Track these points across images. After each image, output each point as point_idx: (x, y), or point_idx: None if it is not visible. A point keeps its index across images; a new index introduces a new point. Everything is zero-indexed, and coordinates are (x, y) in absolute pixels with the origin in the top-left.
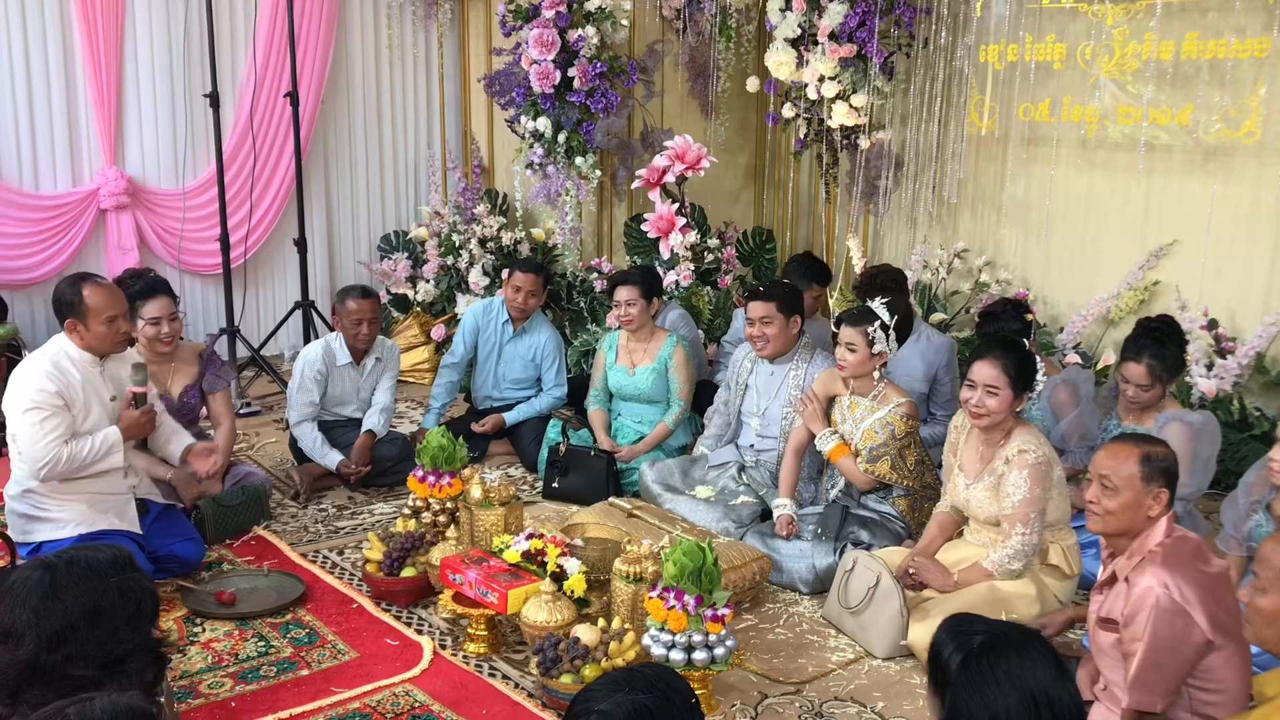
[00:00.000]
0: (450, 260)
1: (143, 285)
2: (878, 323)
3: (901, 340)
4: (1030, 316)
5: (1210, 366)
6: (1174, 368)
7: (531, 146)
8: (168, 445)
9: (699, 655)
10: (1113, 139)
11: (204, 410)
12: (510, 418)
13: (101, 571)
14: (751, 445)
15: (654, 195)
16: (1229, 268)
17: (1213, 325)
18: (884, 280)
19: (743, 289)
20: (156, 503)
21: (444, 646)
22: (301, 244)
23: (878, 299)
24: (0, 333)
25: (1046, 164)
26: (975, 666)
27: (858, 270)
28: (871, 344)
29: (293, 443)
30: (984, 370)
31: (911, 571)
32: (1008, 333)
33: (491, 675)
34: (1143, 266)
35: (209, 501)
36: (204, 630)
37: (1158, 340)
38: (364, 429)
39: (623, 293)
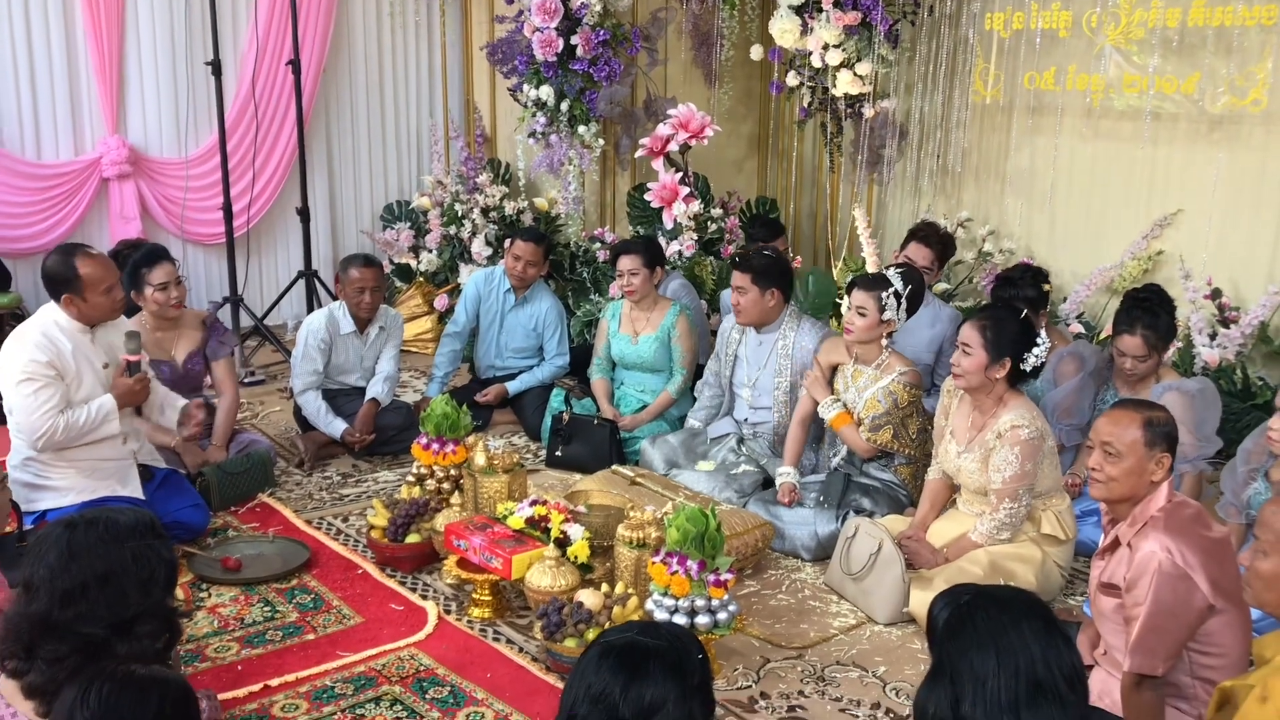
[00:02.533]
0: (453, 230)
1: (144, 253)
2: (891, 289)
3: (911, 312)
4: (1047, 287)
5: (1213, 336)
6: (1167, 335)
7: (534, 115)
8: (161, 415)
9: (701, 620)
10: (1118, 108)
11: (208, 378)
12: (512, 387)
13: (119, 536)
14: (746, 419)
15: (657, 164)
16: (1233, 237)
17: (1216, 295)
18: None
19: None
20: (159, 468)
21: (449, 611)
22: (304, 213)
23: (891, 268)
24: (4, 301)
25: (1051, 133)
26: (958, 622)
27: (863, 239)
28: (882, 310)
29: (297, 411)
30: (964, 330)
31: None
32: (1021, 300)
33: (496, 639)
34: (1147, 236)
35: (214, 468)
36: (210, 595)
37: (1149, 310)
38: (368, 397)
39: (625, 262)
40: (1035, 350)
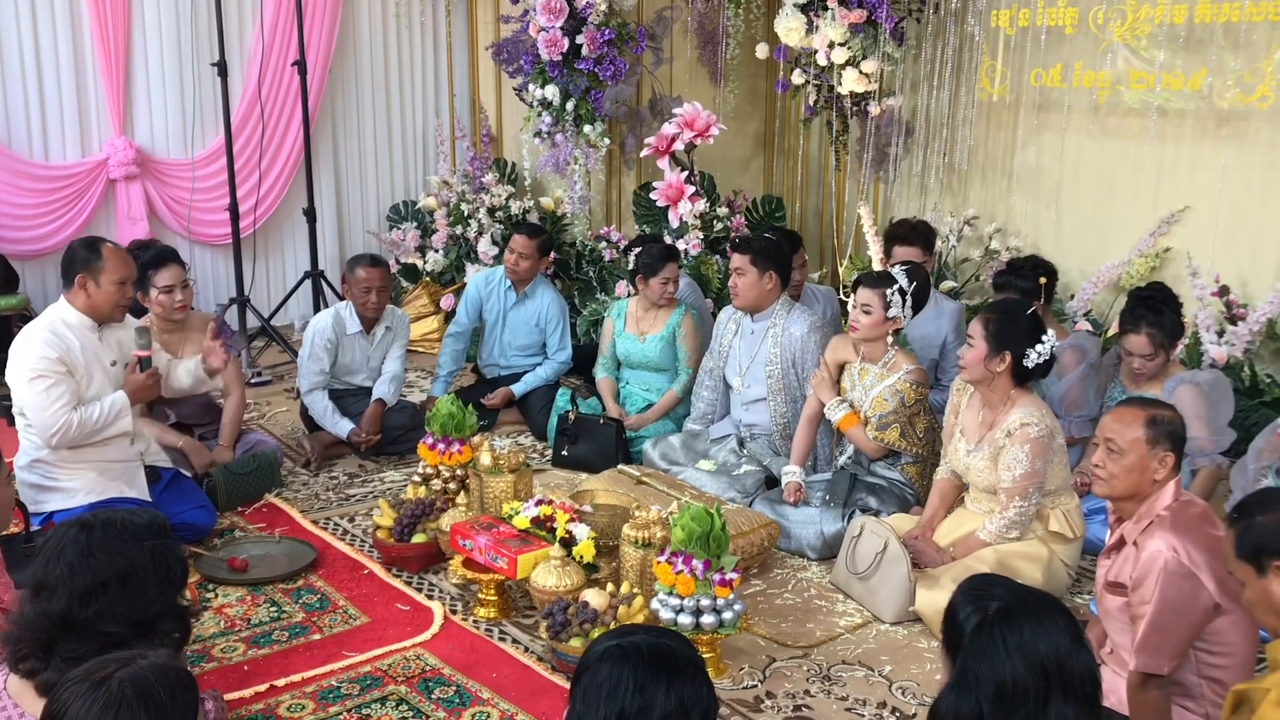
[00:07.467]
0: (459, 230)
1: (153, 254)
2: (896, 287)
3: (918, 309)
4: (1043, 280)
5: (1221, 333)
6: (1174, 333)
7: (540, 115)
8: (178, 383)
9: (707, 619)
10: (1125, 104)
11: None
12: (517, 389)
13: (137, 535)
14: (740, 420)
15: (663, 163)
16: (1241, 234)
17: (1224, 292)
18: (905, 232)
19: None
20: (166, 469)
21: (454, 611)
22: (310, 214)
23: (897, 266)
24: (12, 303)
25: (1058, 130)
26: (988, 634)
27: (869, 238)
28: (887, 308)
29: (303, 411)
30: (972, 322)
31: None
32: (1016, 289)
33: (501, 639)
34: (1154, 233)
35: (220, 469)
36: (216, 596)
37: (1153, 308)
38: (374, 398)
39: (671, 270)
40: (1038, 347)
